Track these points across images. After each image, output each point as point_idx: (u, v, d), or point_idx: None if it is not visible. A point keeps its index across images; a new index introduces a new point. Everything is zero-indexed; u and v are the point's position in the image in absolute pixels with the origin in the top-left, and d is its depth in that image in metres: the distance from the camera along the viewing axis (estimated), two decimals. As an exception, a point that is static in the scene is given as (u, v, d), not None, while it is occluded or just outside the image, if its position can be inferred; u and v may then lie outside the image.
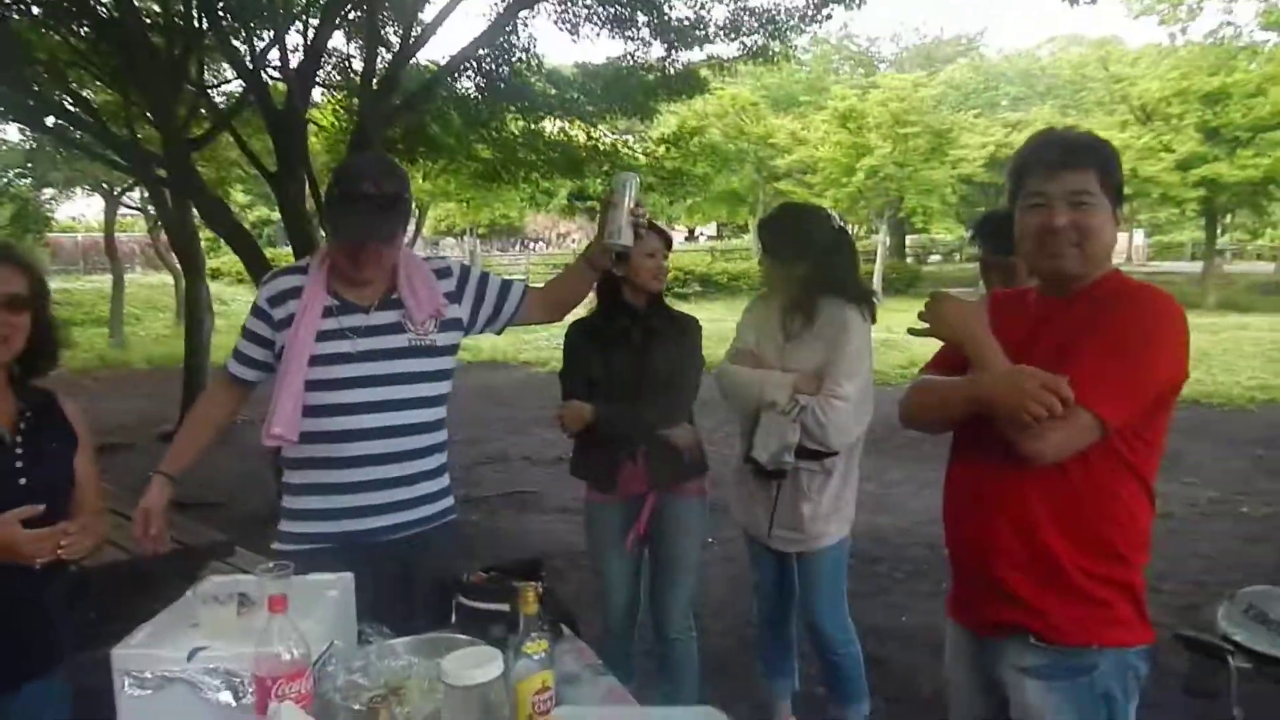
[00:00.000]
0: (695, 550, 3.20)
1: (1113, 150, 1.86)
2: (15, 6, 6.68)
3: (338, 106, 9.32)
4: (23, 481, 1.94)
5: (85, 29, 7.05)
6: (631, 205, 2.33)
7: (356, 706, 1.53)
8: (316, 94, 8.49)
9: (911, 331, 1.96)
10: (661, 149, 10.27)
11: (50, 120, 7.94)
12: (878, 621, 4.30)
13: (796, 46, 9.27)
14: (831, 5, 7.69)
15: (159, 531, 2.23)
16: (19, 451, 1.97)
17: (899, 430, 2.26)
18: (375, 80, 6.94)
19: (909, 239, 35.12)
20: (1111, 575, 1.82)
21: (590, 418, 2.98)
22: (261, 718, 1.45)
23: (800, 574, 3.15)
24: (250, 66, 6.92)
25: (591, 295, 3.11)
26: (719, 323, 4.52)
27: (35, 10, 6.85)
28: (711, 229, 43.97)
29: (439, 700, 1.48)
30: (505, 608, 1.86)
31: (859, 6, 7.60)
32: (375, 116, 6.85)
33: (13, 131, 12.35)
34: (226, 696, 1.55)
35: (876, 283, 24.56)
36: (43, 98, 7.36)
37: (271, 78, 7.28)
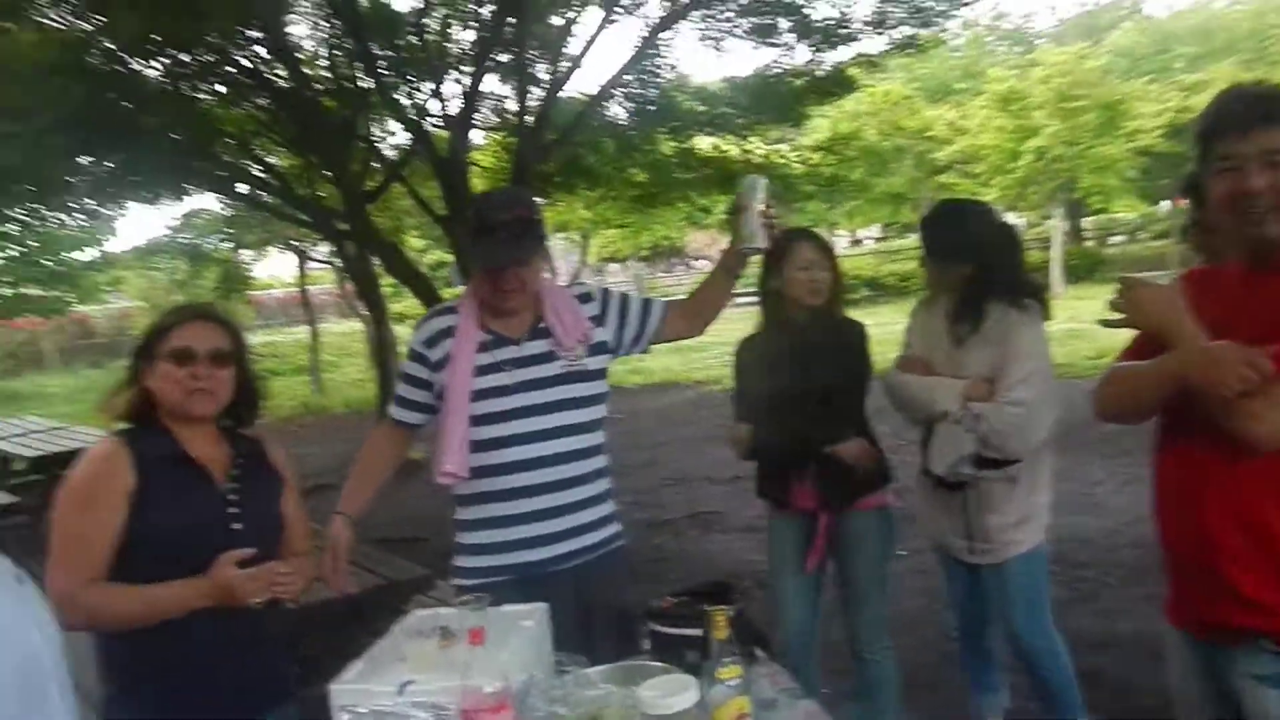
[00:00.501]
0: (879, 566, 3.05)
1: None
2: (204, 87, 7.26)
3: (498, 147, 9.66)
4: (236, 526, 2.04)
5: (265, 100, 7.59)
6: (762, 207, 2.33)
7: (558, 737, 1.56)
8: (477, 137, 8.83)
9: (1104, 323, 1.84)
10: (817, 156, 10.12)
11: (242, 187, 8.60)
12: (1089, 631, 4.05)
13: (946, 31, 8.93)
14: (980, -16, 7.41)
15: (344, 566, 2.35)
16: (232, 497, 2.07)
17: (1096, 424, 2.12)
18: (530, 118, 7.15)
19: (1087, 221, 33.20)
20: (1354, 568, 1.65)
21: (749, 439, 2.94)
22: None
23: (994, 586, 2.97)
24: (414, 118, 7.28)
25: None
26: (888, 326, 4.39)
27: (220, 88, 7.42)
28: (875, 230, 42.95)
29: (638, 729, 1.49)
30: (698, 632, 1.84)
31: (1010, -18, 7.29)
32: (532, 153, 7.06)
33: (210, 200, 13.41)
34: (436, 729, 1.61)
35: (1055, 272, 23.32)
36: (233, 167, 8.00)
37: (434, 126, 7.63)
